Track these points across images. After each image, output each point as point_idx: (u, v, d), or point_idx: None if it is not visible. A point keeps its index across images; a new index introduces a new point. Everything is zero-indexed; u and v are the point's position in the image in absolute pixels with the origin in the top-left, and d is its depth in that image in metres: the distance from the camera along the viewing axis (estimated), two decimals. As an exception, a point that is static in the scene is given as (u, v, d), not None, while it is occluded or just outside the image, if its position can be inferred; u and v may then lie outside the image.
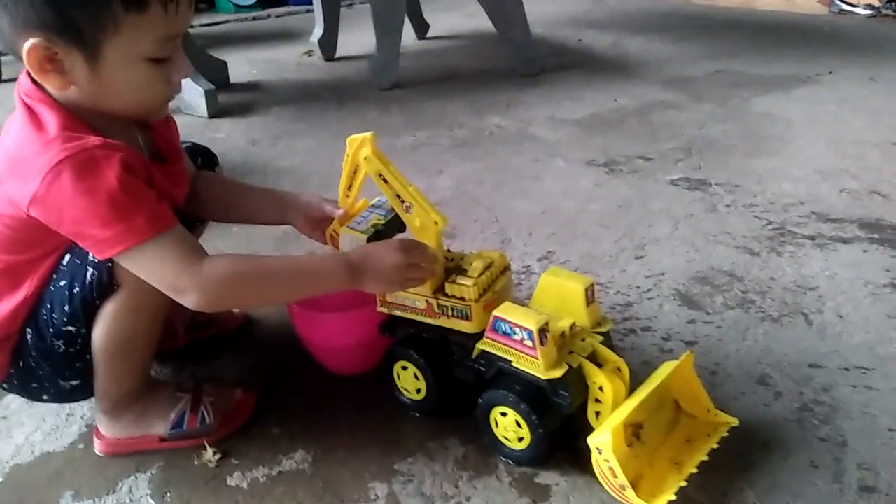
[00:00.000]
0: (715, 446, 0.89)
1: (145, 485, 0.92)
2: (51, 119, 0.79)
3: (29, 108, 0.81)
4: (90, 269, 0.85)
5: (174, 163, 0.96)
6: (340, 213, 1.01)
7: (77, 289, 0.86)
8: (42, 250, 0.86)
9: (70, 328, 0.87)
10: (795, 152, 1.91)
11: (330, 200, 1.04)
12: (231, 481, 0.92)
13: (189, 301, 0.82)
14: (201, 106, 2.29)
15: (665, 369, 0.91)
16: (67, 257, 0.86)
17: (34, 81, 0.81)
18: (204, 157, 1.09)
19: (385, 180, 0.94)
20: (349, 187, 1.00)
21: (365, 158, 0.95)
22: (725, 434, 0.91)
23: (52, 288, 0.87)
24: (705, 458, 0.87)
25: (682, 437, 0.92)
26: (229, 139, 2.13)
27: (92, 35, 0.76)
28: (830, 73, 2.61)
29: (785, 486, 0.88)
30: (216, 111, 2.32)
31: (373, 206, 1.04)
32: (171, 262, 0.80)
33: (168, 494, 0.90)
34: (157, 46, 0.80)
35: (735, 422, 0.92)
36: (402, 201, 0.94)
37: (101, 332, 0.88)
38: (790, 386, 1.05)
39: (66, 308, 0.86)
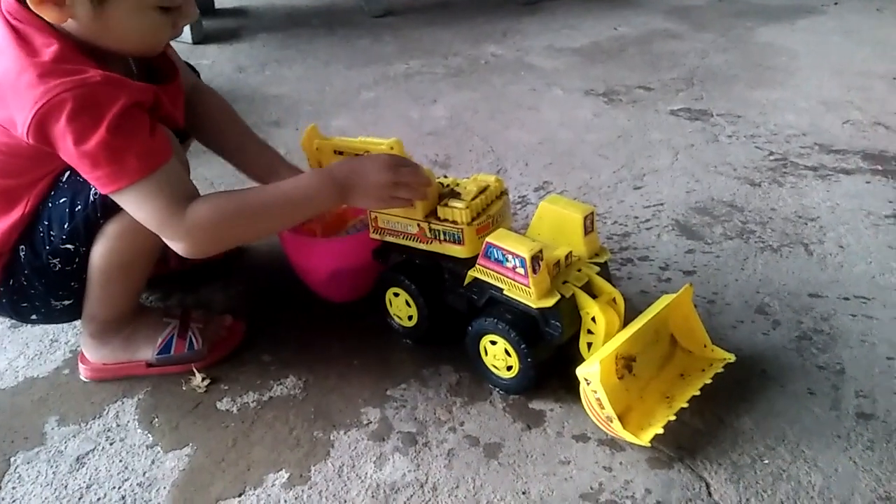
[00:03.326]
0: (708, 381, 0.87)
1: (132, 409, 0.90)
2: (45, 45, 0.73)
3: (15, 30, 0.74)
4: (93, 188, 0.81)
5: (172, 80, 0.90)
6: None
7: (79, 207, 0.82)
8: (40, 173, 0.82)
9: (68, 246, 0.84)
10: (799, 83, 1.86)
11: None
12: (221, 406, 0.90)
13: (178, 249, 0.80)
14: (185, 31, 2.20)
15: (662, 302, 0.89)
16: (67, 174, 0.82)
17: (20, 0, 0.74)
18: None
19: (340, 153, 0.98)
20: None
21: (317, 149, 1.00)
22: (720, 370, 0.89)
23: (49, 205, 0.83)
24: (697, 393, 0.85)
25: (675, 372, 0.90)
26: (215, 66, 2.06)
27: None
28: (836, 3, 2.54)
29: (782, 413, 0.87)
30: (201, 37, 2.23)
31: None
32: (157, 209, 0.77)
33: (156, 419, 0.89)
34: None
35: (731, 357, 0.91)
36: (360, 157, 0.94)
37: (101, 251, 0.85)
38: (789, 315, 1.03)
39: (66, 226, 0.83)
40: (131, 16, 0.75)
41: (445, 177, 0.99)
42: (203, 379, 0.93)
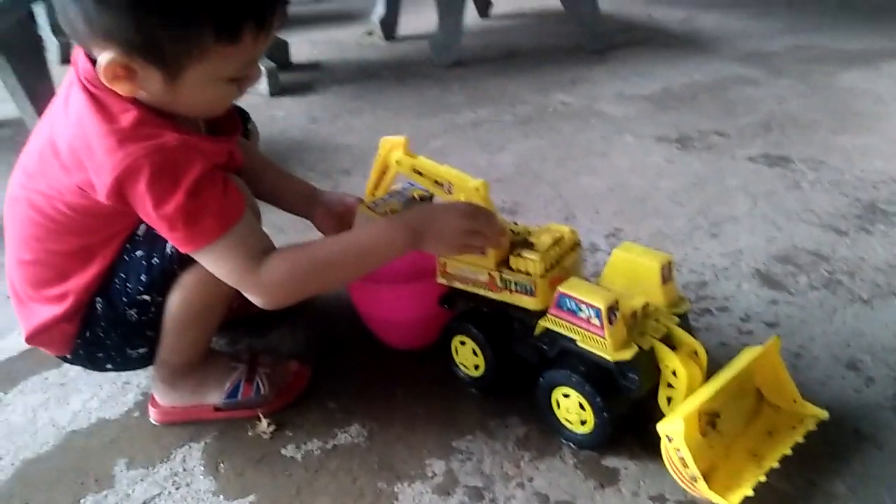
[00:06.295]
0: (800, 440, 0.82)
1: (199, 454, 0.90)
2: (122, 111, 0.76)
3: (93, 97, 0.76)
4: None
5: (235, 132, 0.92)
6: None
7: (156, 259, 0.84)
8: (115, 229, 0.84)
9: (145, 297, 0.86)
10: (886, 128, 1.78)
11: (351, 196, 1.05)
12: (285, 453, 0.90)
13: (257, 302, 0.82)
14: (263, 85, 2.28)
15: (747, 355, 0.84)
16: (143, 227, 0.84)
17: (94, 63, 0.76)
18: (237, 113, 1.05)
19: (420, 173, 0.94)
20: (376, 187, 1.01)
21: (397, 162, 0.96)
22: (813, 428, 0.83)
23: (125, 258, 0.85)
24: (788, 451, 0.80)
25: (763, 429, 0.85)
26: (289, 117, 2.13)
27: (175, 59, 0.73)
28: (923, 46, 2.43)
29: (878, 477, 0.80)
30: (277, 90, 2.31)
31: (395, 192, 1.04)
32: (234, 267, 0.79)
33: (221, 465, 0.88)
34: (240, 70, 0.78)
35: (824, 414, 0.85)
36: (441, 185, 0.93)
37: (178, 300, 0.86)
38: (884, 371, 0.96)
39: (143, 278, 0.84)
40: (201, 88, 0.77)
41: (516, 224, 0.97)
42: (269, 425, 0.93)
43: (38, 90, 1.67)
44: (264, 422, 0.93)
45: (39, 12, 2.65)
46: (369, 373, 1.03)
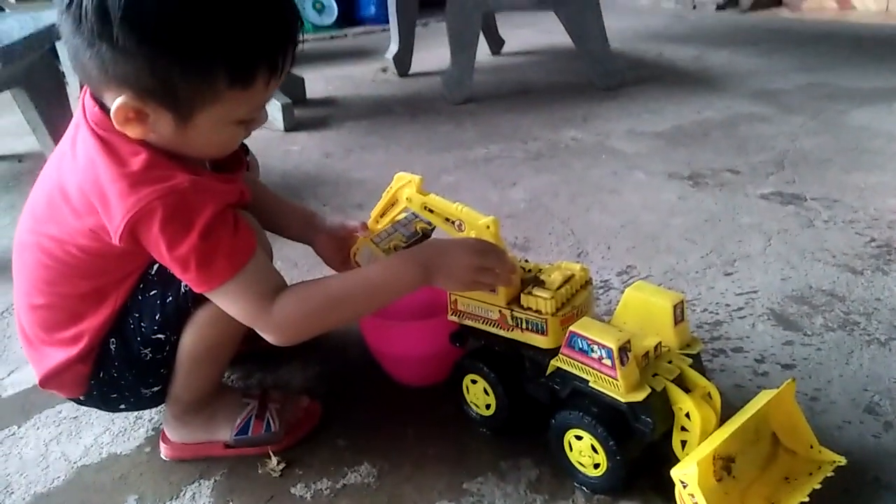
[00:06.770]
0: (817, 487, 0.80)
1: (208, 492, 0.90)
2: (132, 154, 0.76)
3: (102, 140, 0.77)
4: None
5: (240, 167, 0.92)
6: (366, 232, 1.03)
7: (170, 298, 0.84)
8: (127, 269, 0.85)
9: (160, 336, 0.86)
10: (899, 167, 1.78)
11: (353, 220, 1.06)
12: (295, 491, 0.89)
13: (269, 339, 0.82)
14: (278, 119, 2.32)
15: (763, 398, 0.83)
16: (156, 267, 0.84)
17: (101, 107, 0.77)
18: None
19: (430, 210, 0.95)
20: (382, 215, 1.02)
21: (407, 199, 0.97)
22: (830, 474, 0.82)
23: (139, 298, 0.85)
24: (805, 499, 0.78)
25: (779, 474, 0.83)
26: (304, 152, 2.15)
27: (188, 103, 0.73)
28: (935, 84, 2.44)
29: (901, 529, 0.78)
30: (292, 125, 2.34)
31: (399, 223, 1.04)
32: (246, 306, 0.80)
33: (230, 503, 0.88)
34: (249, 113, 0.79)
35: (842, 460, 0.83)
36: (452, 222, 0.93)
37: (191, 338, 0.87)
38: (904, 417, 0.94)
39: (157, 317, 0.85)
40: (212, 130, 0.77)
41: (527, 261, 0.97)
42: (278, 462, 0.92)
43: (59, 125, 1.70)
44: (274, 459, 0.92)
45: (61, 48, 2.71)
46: (380, 410, 1.03)
